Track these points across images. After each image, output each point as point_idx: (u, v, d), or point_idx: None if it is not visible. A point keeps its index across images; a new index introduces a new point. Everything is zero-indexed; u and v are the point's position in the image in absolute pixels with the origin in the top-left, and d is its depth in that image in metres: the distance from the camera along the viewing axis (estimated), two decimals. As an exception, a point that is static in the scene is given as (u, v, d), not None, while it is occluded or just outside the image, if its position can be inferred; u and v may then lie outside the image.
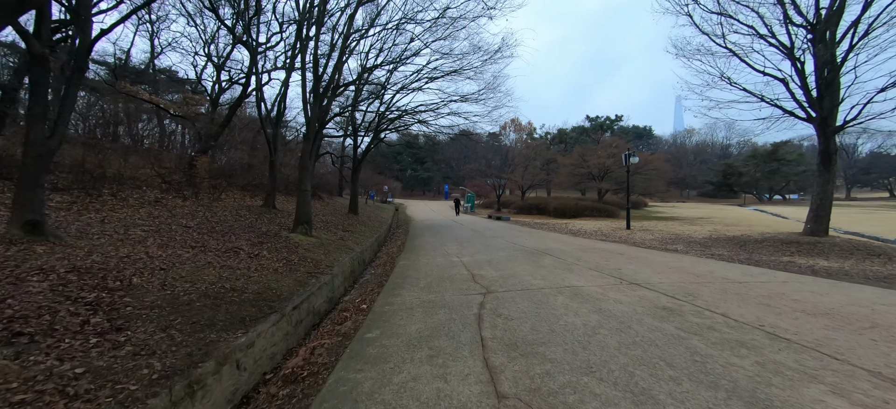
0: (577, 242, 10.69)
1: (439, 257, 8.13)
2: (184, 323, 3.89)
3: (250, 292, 5.24)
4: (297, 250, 8.46)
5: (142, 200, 10.95)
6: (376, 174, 44.86)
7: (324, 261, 8.05)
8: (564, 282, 5.13)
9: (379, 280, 6.47)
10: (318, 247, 9.24)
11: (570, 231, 15.37)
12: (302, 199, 9.82)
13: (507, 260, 7.22)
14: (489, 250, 8.94)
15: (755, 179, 52.06)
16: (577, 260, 7.01)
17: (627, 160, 16.32)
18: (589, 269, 6.09)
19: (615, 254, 7.91)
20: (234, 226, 10.35)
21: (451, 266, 6.81)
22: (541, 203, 30.00)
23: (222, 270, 6.03)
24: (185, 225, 9.35)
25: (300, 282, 6.30)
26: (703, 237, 12.79)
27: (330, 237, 11.07)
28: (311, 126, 9.83)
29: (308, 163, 9.90)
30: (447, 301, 4.34)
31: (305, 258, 7.91)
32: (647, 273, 5.69)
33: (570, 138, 55.48)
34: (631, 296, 4.31)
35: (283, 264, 7.15)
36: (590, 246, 9.46)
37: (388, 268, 7.73)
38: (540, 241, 10.79)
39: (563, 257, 7.49)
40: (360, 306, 4.82)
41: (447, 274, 6.05)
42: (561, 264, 6.55)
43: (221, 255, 7.07)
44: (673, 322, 3.38)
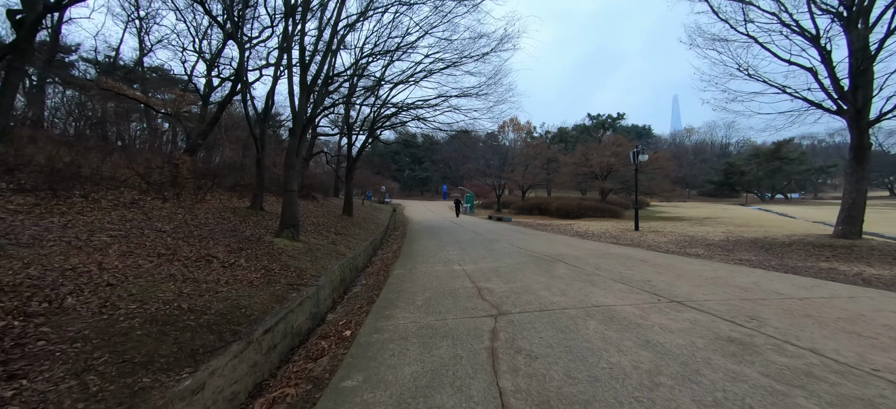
0: (587, 245, 9.85)
1: (439, 264, 7.27)
2: (110, 362, 3.00)
3: (213, 313, 4.36)
4: (281, 258, 7.59)
5: (117, 202, 10.05)
6: (374, 174, 44.00)
7: (309, 270, 7.17)
8: (590, 299, 4.27)
9: (370, 294, 5.60)
10: (304, 253, 8.36)
11: (577, 233, 14.53)
12: (288, 200, 8.94)
13: (516, 269, 6.36)
14: (494, 255, 8.09)
15: (757, 177, 51.45)
16: (595, 269, 6.16)
17: (636, 158, 15.50)
18: (613, 280, 5.23)
19: (635, 260, 7.06)
20: (215, 230, 9.48)
21: (452, 276, 5.95)
22: (542, 203, 29.17)
23: (185, 284, 5.14)
24: (160, 229, 8.47)
25: (278, 297, 5.42)
26: (719, 239, 11.98)
27: (319, 242, 10.19)
28: (298, 120, 8.95)
29: (295, 161, 9.03)
30: (450, 327, 3.48)
31: (288, 267, 7.04)
32: (683, 286, 4.84)
33: (570, 137, 54.69)
34: (680, 321, 3.45)
35: (260, 275, 6.27)
36: (603, 251, 8.62)
37: (381, 278, 6.86)
38: (547, 244, 9.94)
39: (578, 264, 6.63)
40: (343, 331, 3.95)
41: (449, 287, 5.19)
42: (579, 275, 5.69)
43: (190, 264, 6.19)
44: (754, 364, 2.53)
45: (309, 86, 8.97)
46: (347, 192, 17.49)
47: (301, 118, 8.97)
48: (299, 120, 8.95)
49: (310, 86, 9.07)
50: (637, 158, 15.46)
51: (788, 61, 9.92)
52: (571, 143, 50.81)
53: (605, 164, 27.30)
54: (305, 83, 8.79)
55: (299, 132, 9.03)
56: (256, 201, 12.54)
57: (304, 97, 8.88)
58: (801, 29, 10.14)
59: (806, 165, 53.52)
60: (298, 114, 8.91)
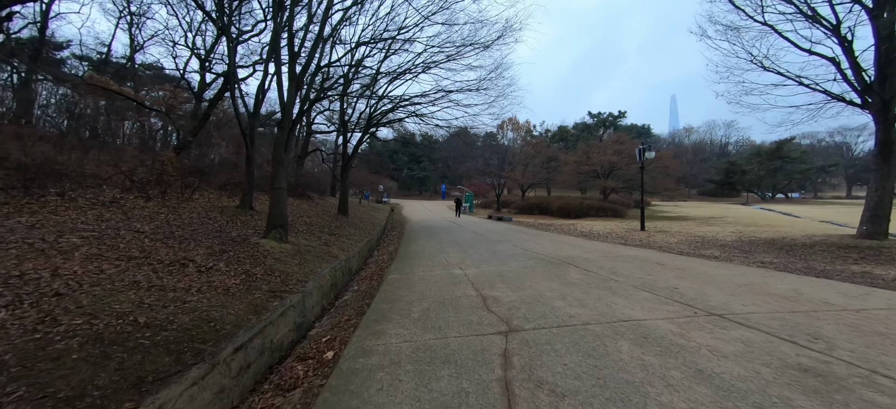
0: (596, 247, 9.26)
1: (438, 268, 6.66)
2: (25, 399, 2.39)
3: (175, 328, 3.74)
4: (265, 261, 6.97)
5: (95, 201, 9.43)
6: (372, 174, 43.38)
7: (296, 274, 6.56)
8: (614, 311, 3.67)
9: (361, 302, 4.99)
10: (292, 256, 7.74)
11: (581, 233, 13.96)
12: (275, 198, 8.32)
13: (524, 274, 5.77)
14: (497, 258, 7.49)
15: (759, 177, 51.00)
16: (611, 274, 5.56)
17: (642, 155, 14.93)
18: (635, 287, 4.64)
19: (652, 264, 6.47)
20: (198, 231, 8.86)
21: (453, 282, 5.35)
22: (542, 203, 28.61)
23: (149, 292, 4.53)
24: (138, 230, 7.84)
25: (257, 306, 4.81)
26: (732, 240, 11.42)
27: (310, 243, 9.57)
28: (286, 113, 8.34)
29: (283, 156, 8.41)
30: (452, 349, 2.87)
31: (272, 271, 6.42)
32: (717, 295, 4.25)
33: (571, 136, 54.13)
34: (730, 341, 2.86)
35: (240, 281, 5.66)
36: (614, 252, 8.03)
37: (374, 283, 6.26)
38: (553, 245, 9.35)
39: (591, 268, 6.04)
40: (325, 352, 3.34)
41: (449, 295, 4.59)
42: (595, 281, 5.10)
43: (162, 269, 5.57)
44: (851, 407, 1.94)
45: (298, 76, 8.35)
46: (343, 191, 16.86)
47: (290, 111, 8.35)
48: (288, 113, 8.33)
49: (299, 76, 8.45)
50: (643, 155, 14.89)
51: (809, 51, 9.35)
52: (572, 141, 50.20)
53: (607, 162, 26.72)
54: (294, 73, 8.17)
55: (288, 126, 8.41)
56: (246, 200, 11.92)
57: (293, 89, 8.26)
58: (819, 17, 9.58)
59: (807, 164, 53.12)
60: (287, 106, 8.29)
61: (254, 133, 11.73)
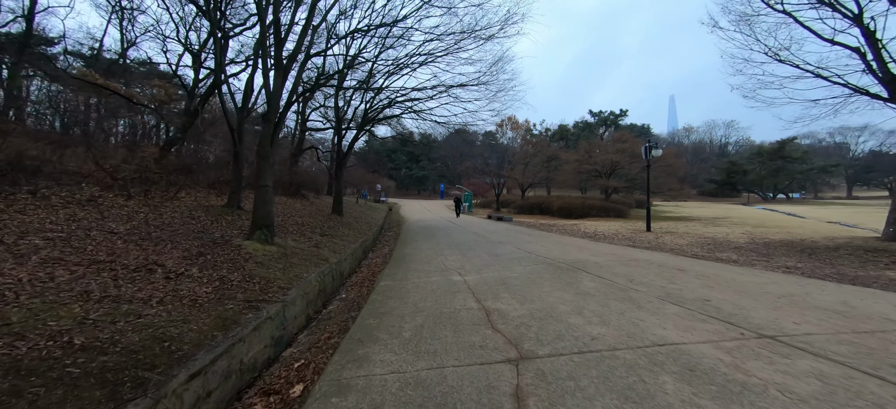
0: (604, 249, 8.68)
1: (435, 273, 6.06)
2: None
3: (119, 350, 3.13)
4: (246, 265, 6.36)
5: (71, 199, 8.81)
6: (370, 173, 42.75)
7: (278, 280, 5.95)
8: (644, 331, 3.08)
9: (345, 316, 4.38)
10: (277, 259, 7.13)
11: (586, 234, 13.38)
12: (260, 197, 7.71)
13: (530, 281, 5.17)
14: (500, 262, 6.88)
15: (760, 177, 50.51)
16: (629, 281, 4.97)
17: (648, 153, 14.35)
18: (660, 299, 4.05)
19: (671, 270, 5.88)
20: (178, 231, 8.24)
21: (451, 290, 4.75)
22: (543, 202, 28.01)
23: (100, 304, 3.91)
24: (111, 231, 7.22)
25: (226, 320, 4.20)
26: (745, 242, 10.85)
27: (299, 245, 8.95)
28: (273, 105, 7.72)
29: (269, 151, 7.79)
30: (451, 385, 2.28)
31: (252, 277, 5.81)
32: (758, 309, 3.66)
33: (571, 135, 53.54)
34: (800, 376, 2.27)
35: (213, 289, 5.05)
36: (626, 255, 7.44)
37: (364, 290, 5.65)
38: (559, 248, 8.76)
39: (605, 275, 5.44)
40: (294, 384, 2.74)
41: (447, 307, 3.99)
42: (612, 290, 4.50)
43: (124, 276, 4.96)
44: None
45: (285, 65, 7.74)
46: (337, 189, 16.23)
47: (276, 103, 7.74)
48: (274, 105, 7.72)
49: (286, 65, 7.84)
50: (650, 153, 14.31)
51: (831, 41, 8.78)
52: (572, 140, 49.59)
53: (608, 161, 26.14)
54: (281, 61, 7.56)
55: (274, 119, 7.79)
56: (233, 199, 11.30)
57: (279, 78, 7.65)
58: (840, 5, 9.01)
59: (808, 164, 52.69)
60: (273, 97, 7.68)
61: (242, 129, 11.12)
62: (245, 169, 13.04)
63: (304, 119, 21.51)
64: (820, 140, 75.01)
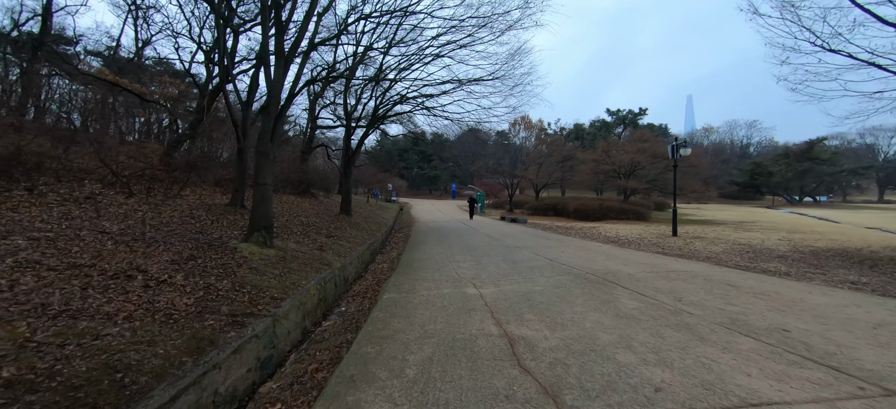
0: (633, 257, 7.85)
1: (446, 283, 5.36)
2: None
3: (55, 386, 2.53)
4: (238, 271, 5.78)
5: (68, 197, 8.40)
6: (381, 172, 42.37)
7: (272, 288, 5.34)
8: (725, 381, 2.32)
9: (339, 339, 3.72)
10: (274, 264, 6.54)
11: (608, 238, 12.51)
12: (259, 196, 7.14)
13: (557, 296, 4.43)
14: (519, 271, 6.15)
15: (786, 179, 48.26)
16: (676, 300, 4.19)
17: (675, 152, 13.37)
18: (726, 328, 3.27)
19: (720, 284, 5.06)
20: (174, 232, 7.74)
21: (465, 308, 4.05)
22: (558, 204, 27.05)
23: (55, 321, 3.34)
24: (103, 231, 6.73)
25: (202, 340, 3.59)
26: (787, 250, 9.86)
27: (301, 248, 8.37)
28: (273, 96, 7.16)
29: (269, 148, 7.23)
30: (470, 470, 1.59)
31: (242, 285, 5.22)
32: (859, 346, 2.87)
33: (587, 134, 52.13)
34: None
35: (195, 301, 4.46)
36: (661, 265, 6.61)
37: (366, 303, 4.99)
38: (583, 255, 7.97)
39: (644, 291, 4.67)
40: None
41: (461, 333, 3.30)
42: (661, 313, 3.74)
43: (98, 284, 4.40)
44: None
45: (287, 53, 7.16)
46: (345, 188, 15.68)
47: (277, 94, 7.16)
48: (275, 96, 7.14)
49: (288, 54, 7.26)
50: (677, 152, 13.34)
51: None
52: (588, 140, 48.21)
53: (628, 161, 25.00)
54: (282, 49, 6.98)
55: (275, 112, 7.22)
56: (236, 198, 10.82)
57: (280, 67, 7.07)
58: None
59: (838, 166, 50.20)
60: (273, 88, 7.10)
61: (247, 125, 10.64)
62: (250, 166, 12.64)
63: (314, 117, 21.09)
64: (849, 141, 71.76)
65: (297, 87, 7.96)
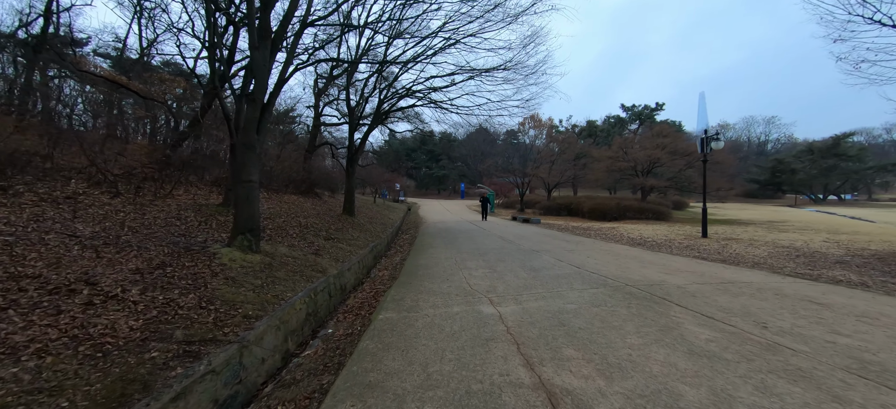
0: (673, 263, 6.81)
1: (456, 299, 4.42)
2: None
3: None
4: (210, 283, 4.92)
5: (47, 197, 7.68)
6: (389, 172, 41.59)
7: (248, 304, 4.46)
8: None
9: (311, 385, 2.81)
10: (257, 272, 5.68)
11: (632, 240, 11.42)
12: (243, 195, 6.29)
13: (600, 319, 3.46)
14: (542, 281, 5.18)
15: (810, 176, 46.09)
16: (760, 326, 3.18)
17: (706, 146, 12.20)
18: (861, 376, 2.28)
19: (800, 300, 4.03)
20: (154, 235, 6.96)
21: (481, 337, 3.12)
22: (572, 203, 25.89)
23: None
24: (73, 234, 5.97)
25: (133, 382, 2.72)
26: (840, 254, 8.68)
27: (294, 252, 7.50)
28: (260, 81, 6.31)
29: (255, 139, 6.38)
30: None
31: (211, 301, 4.35)
32: None
33: (600, 131, 50.59)
34: None
35: (143, 323, 3.60)
36: (711, 275, 5.58)
37: (358, 323, 4.08)
38: (612, 260, 6.95)
39: (710, 311, 3.66)
40: None
41: (478, 381, 2.36)
42: (750, 347, 2.75)
43: (30, 301, 3.59)
44: None
45: (274, 32, 6.31)
46: (348, 187, 14.84)
47: (263, 79, 6.31)
48: (261, 81, 6.29)
49: (276, 33, 6.41)
50: (708, 145, 12.17)
51: None
52: (602, 137, 46.72)
53: (646, 157, 23.70)
54: (267, 26, 6.13)
55: (262, 98, 6.37)
56: (229, 197, 10.03)
57: (266, 47, 6.22)
58: None
59: (865, 163, 47.83)
60: (260, 71, 6.25)
61: (240, 119, 9.85)
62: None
63: (318, 114, 20.31)
64: (875, 136, 68.75)
65: (287, 71, 7.09)
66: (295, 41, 7.15)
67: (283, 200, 14.42)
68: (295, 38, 7.15)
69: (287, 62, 7.01)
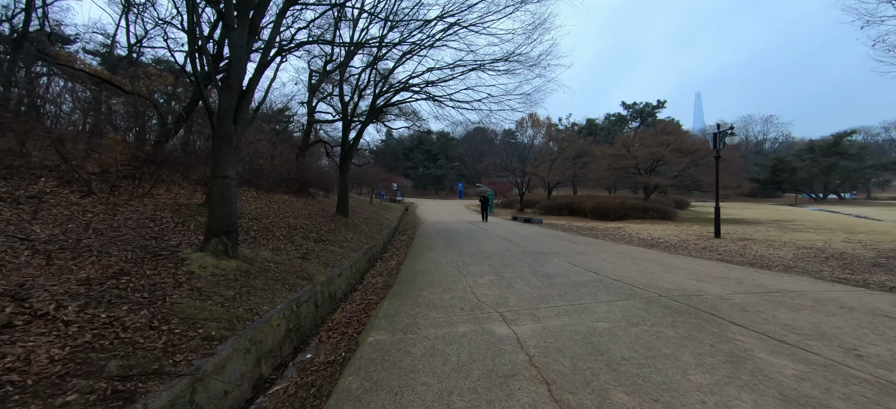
0: (701, 268, 6.13)
1: (461, 315, 3.71)
2: None
3: None
4: (171, 296, 4.18)
5: (6, 196, 6.92)
6: (386, 171, 40.85)
7: (212, 322, 3.73)
8: None
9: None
10: (230, 281, 4.94)
11: (643, 241, 10.75)
12: (217, 194, 5.56)
13: (643, 343, 2.77)
14: (559, 290, 4.48)
15: (812, 175, 45.66)
16: (857, 357, 2.50)
17: (720, 141, 11.55)
18: None
19: (876, 315, 3.35)
20: (121, 237, 6.19)
21: (497, 374, 2.41)
22: (573, 202, 25.23)
23: None
24: (27, 237, 5.24)
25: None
26: (872, 255, 8.05)
27: (278, 257, 6.75)
28: (236, 65, 5.59)
29: (231, 130, 5.65)
30: None
31: (167, 319, 3.61)
32: None
33: (600, 130, 50.00)
34: None
35: (69, 352, 2.86)
36: (752, 282, 4.90)
37: (342, 348, 3.37)
38: (630, 264, 6.27)
39: (779, 334, 2.97)
40: None
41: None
42: (867, 391, 2.07)
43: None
44: None
45: (251, 10, 5.58)
46: (342, 186, 14.08)
47: (240, 63, 5.58)
48: (238, 64, 5.56)
49: (255, 12, 5.68)
50: (721, 141, 11.51)
51: None
52: (602, 135, 46.12)
53: (649, 155, 23.06)
54: (245, 5, 5.40)
55: (239, 84, 5.64)
56: (211, 196, 9.26)
57: (244, 26, 5.50)
58: None
59: (866, 161, 47.52)
60: (236, 54, 5.52)
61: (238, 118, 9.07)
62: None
63: (311, 110, 19.54)
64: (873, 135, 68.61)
65: (269, 54, 6.35)
66: (278, 20, 6.42)
67: (273, 200, 13.66)
68: (278, 16, 6.42)
69: (269, 43, 6.27)
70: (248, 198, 12.92)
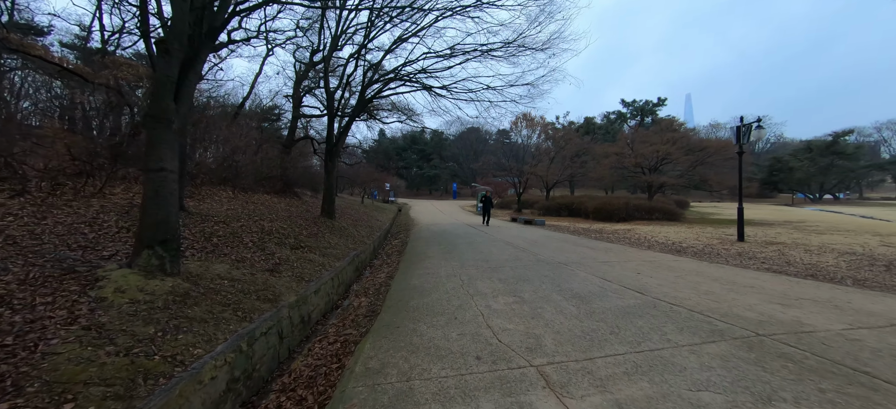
0: (766, 283, 4.97)
1: (480, 376, 2.47)
2: None
3: None
4: (58, 335, 2.88)
5: None
6: (379, 171, 39.43)
7: (99, 386, 2.42)
8: None
9: None
10: (159, 310, 3.64)
11: (663, 246, 9.62)
12: (151, 191, 4.25)
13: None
14: (607, 323, 3.28)
15: (809, 175, 45.26)
16: None
17: (745, 136, 10.48)
18: None
19: None
20: (36, 247, 4.82)
21: None
22: (573, 203, 24.16)
23: None
24: None
25: None
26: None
27: (236, 271, 5.43)
28: (176, 26, 4.31)
29: (170, 109, 4.35)
30: None
31: (21, 385, 2.30)
32: None
33: (598, 129, 49.16)
34: None
35: None
36: (845, 304, 3.75)
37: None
38: (680, 281, 5.10)
39: None
40: None
41: None
42: None
43: None
44: None
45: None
46: (327, 185, 12.74)
47: (180, 23, 4.29)
48: (180, 23, 4.28)
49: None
50: (748, 135, 10.44)
51: None
52: (600, 134, 45.27)
53: (653, 153, 22.06)
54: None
55: (180, 49, 4.35)
56: (171, 196, 7.88)
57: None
58: None
59: (863, 161, 47.35)
60: (176, 21, 4.24)
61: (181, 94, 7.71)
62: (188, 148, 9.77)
63: (297, 104, 18.14)
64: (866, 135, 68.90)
65: (226, 10, 5.02)
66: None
67: (252, 200, 12.28)
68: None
69: (220, 10, 4.93)
70: (222, 198, 11.53)
